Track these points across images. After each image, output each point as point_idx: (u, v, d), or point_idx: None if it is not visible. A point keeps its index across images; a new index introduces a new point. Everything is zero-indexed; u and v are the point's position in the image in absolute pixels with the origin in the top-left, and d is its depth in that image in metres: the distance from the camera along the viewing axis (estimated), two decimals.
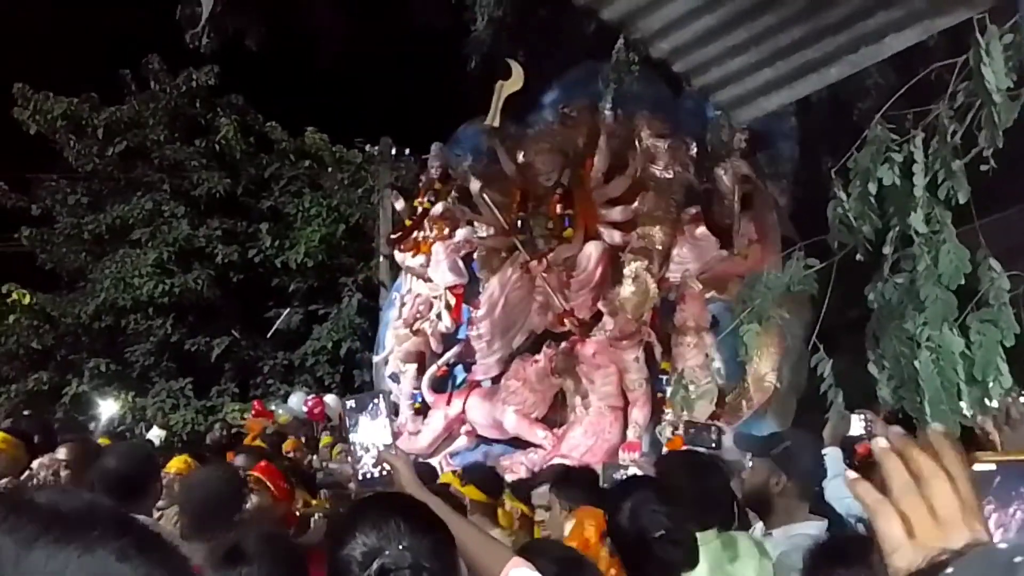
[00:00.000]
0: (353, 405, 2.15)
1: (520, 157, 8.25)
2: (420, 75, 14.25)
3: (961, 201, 2.53)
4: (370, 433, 2.12)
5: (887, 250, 2.84)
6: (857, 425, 3.92)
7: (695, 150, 7.55)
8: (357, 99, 15.17)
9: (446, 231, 8.90)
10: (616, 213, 7.75)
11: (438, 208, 8.95)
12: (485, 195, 8.26)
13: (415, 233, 9.18)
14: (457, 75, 9.89)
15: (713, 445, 3.82)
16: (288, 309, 15.30)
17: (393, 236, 9.96)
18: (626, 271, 7.53)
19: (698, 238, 7.49)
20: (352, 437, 2.13)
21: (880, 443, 0.89)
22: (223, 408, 14.47)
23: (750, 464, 3.17)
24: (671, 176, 7.48)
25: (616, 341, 7.43)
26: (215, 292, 15.56)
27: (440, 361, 8.74)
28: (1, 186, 15.80)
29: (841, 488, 3.39)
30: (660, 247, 7.55)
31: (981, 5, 2.80)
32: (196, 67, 15.89)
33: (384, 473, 2.06)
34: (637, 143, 7.61)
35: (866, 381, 2.71)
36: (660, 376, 7.44)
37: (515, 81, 8.09)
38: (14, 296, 15.28)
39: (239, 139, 16.35)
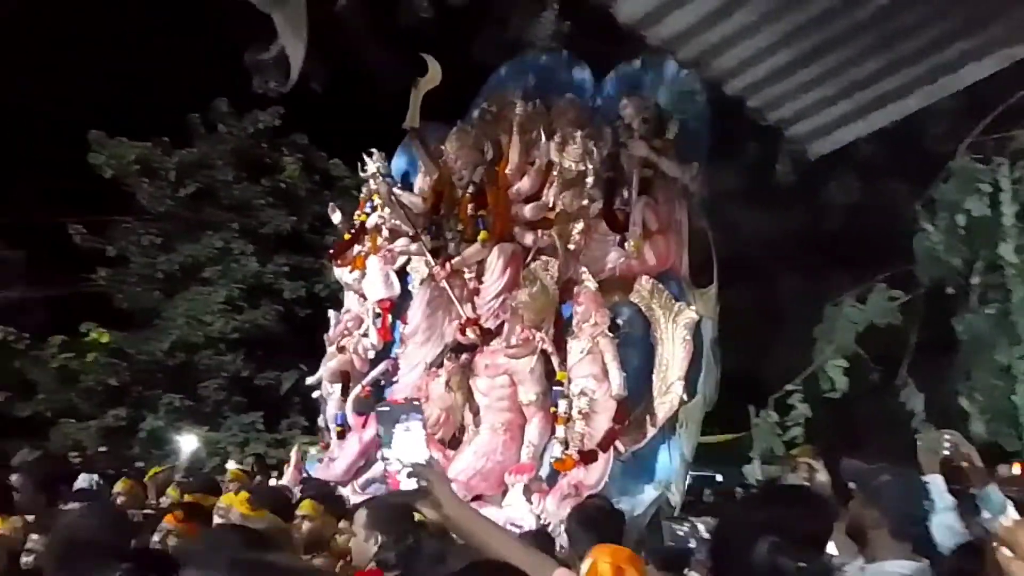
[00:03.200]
0: (387, 411, 2.07)
1: (441, 157, 7.68)
2: None
3: None
4: (406, 446, 2.06)
5: (975, 281, 2.82)
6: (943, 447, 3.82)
7: (609, 138, 6.86)
8: None
9: (380, 243, 8.27)
10: (528, 211, 7.11)
11: (372, 219, 8.34)
12: (397, 198, 7.75)
13: (355, 247, 8.53)
14: None
15: (807, 483, 3.76)
16: None
17: (331, 251, 9.17)
18: (524, 272, 6.91)
19: (602, 233, 6.77)
20: (385, 452, 2.07)
21: None
22: (293, 441, 14.71)
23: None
24: (584, 169, 6.80)
25: (509, 350, 6.77)
26: (283, 327, 15.88)
27: (364, 380, 8.03)
28: (79, 229, 16.37)
29: (953, 522, 3.26)
30: (572, 247, 6.87)
31: None
32: (261, 108, 16.35)
33: (420, 486, 1.99)
34: (544, 135, 7.05)
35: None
36: (555, 388, 6.64)
37: (432, 78, 7.65)
38: (92, 335, 15.80)
39: (303, 177, 16.75)
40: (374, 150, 8.28)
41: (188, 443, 14.77)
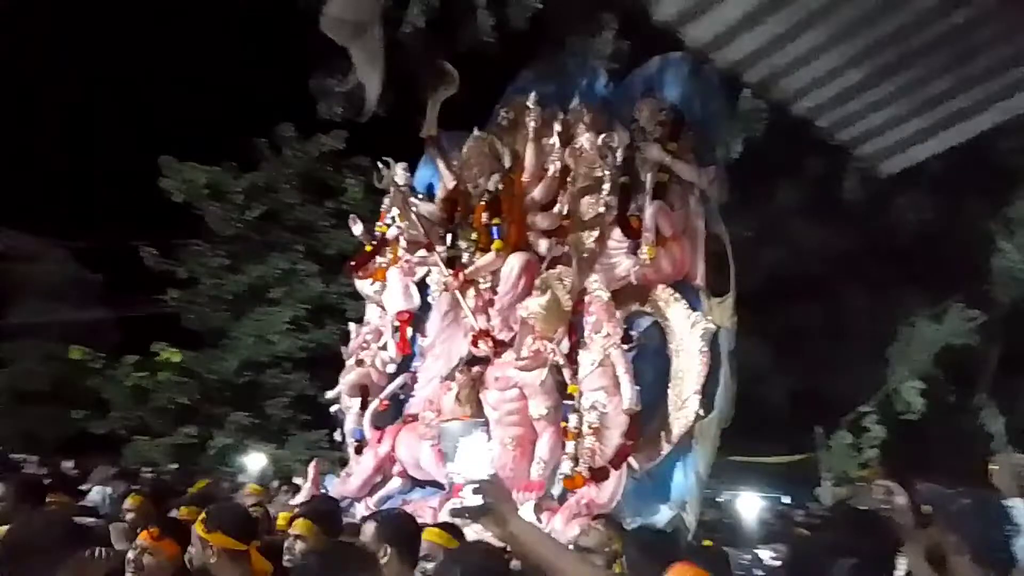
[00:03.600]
0: (452, 427, 2.06)
1: (458, 166, 7.56)
2: None
3: None
4: (470, 462, 2.05)
5: None
6: None
7: (626, 142, 6.58)
8: None
9: (400, 254, 8.07)
10: (543, 220, 6.92)
11: (393, 231, 8.23)
12: (412, 207, 7.59)
13: (377, 259, 8.37)
14: None
15: (886, 506, 3.69)
16: None
17: (351, 263, 8.94)
18: (536, 281, 6.59)
19: (617, 241, 6.49)
20: (450, 466, 2.06)
21: None
22: None
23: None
24: (600, 175, 6.56)
25: (519, 362, 6.47)
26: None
27: (382, 394, 7.84)
28: (151, 252, 16.90)
29: None
30: (587, 255, 6.59)
31: None
32: (325, 132, 16.70)
33: (484, 503, 1.98)
34: (560, 140, 6.85)
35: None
36: (566, 402, 6.33)
37: (448, 86, 7.58)
38: (164, 355, 16.26)
39: (366, 199, 17.03)
40: (389, 160, 8.11)
41: (255, 461, 15.05)
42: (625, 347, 6.16)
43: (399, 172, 8.13)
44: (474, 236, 7.09)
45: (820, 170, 7.16)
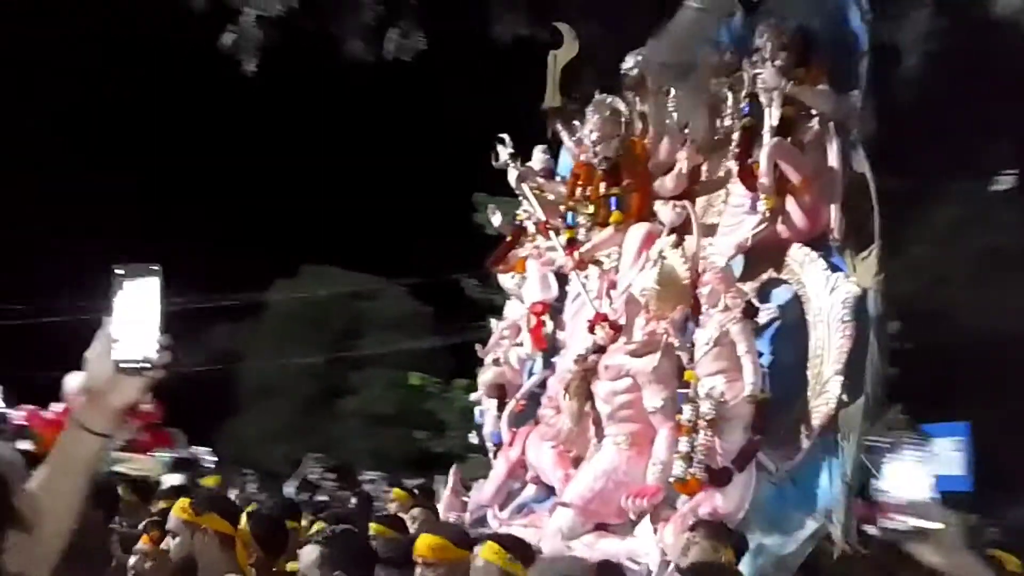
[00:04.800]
0: (881, 444, 1.95)
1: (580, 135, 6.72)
2: None
3: None
4: (905, 479, 1.91)
5: None
6: None
7: (748, 80, 5.52)
8: None
9: (539, 243, 7.35)
10: (668, 183, 6.02)
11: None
12: (525, 187, 6.91)
13: (516, 250, 7.73)
14: None
15: None
16: None
17: (492, 257, 8.29)
18: (650, 252, 5.69)
19: (742, 196, 5.47)
20: (879, 484, 1.93)
21: None
22: None
23: None
24: (728, 125, 5.63)
25: (630, 346, 5.57)
26: None
27: (519, 394, 7.13)
28: (472, 283, 18.32)
29: None
30: (715, 220, 5.75)
31: None
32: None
33: (920, 528, 1.82)
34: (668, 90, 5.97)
35: None
36: (682, 391, 5.29)
37: (568, 48, 6.84)
38: None
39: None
40: (505, 136, 7.39)
41: None
42: (749, 321, 5.19)
43: (537, 155, 7.60)
44: (591, 210, 6.39)
45: None
